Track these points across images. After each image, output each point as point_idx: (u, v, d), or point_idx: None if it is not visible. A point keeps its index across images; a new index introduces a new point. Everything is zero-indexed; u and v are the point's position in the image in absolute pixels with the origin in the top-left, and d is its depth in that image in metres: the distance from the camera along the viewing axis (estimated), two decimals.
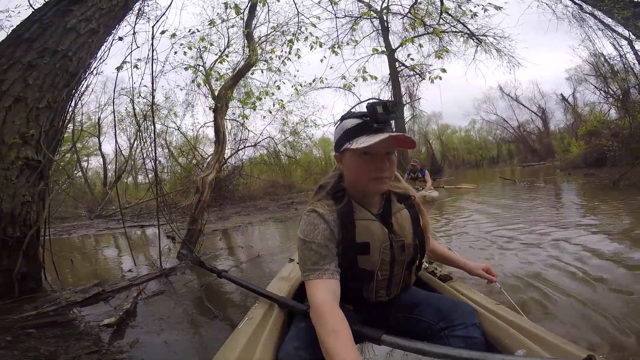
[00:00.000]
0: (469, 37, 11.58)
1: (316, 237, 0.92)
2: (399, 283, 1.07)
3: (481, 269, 1.22)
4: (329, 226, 0.93)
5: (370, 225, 0.97)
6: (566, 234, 3.01)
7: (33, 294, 2.45)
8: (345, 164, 0.98)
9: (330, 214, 0.95)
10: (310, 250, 0.91)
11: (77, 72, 2.68)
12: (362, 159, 0.92)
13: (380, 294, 1.04)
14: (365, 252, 0.96)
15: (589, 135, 12.29)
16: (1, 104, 2.37)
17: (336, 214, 0.96)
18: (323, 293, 0.85)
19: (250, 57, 4.09)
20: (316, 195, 1.04)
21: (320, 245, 0.91)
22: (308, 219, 0.95)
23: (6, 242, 2.37)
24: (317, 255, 0.90)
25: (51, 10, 2.51)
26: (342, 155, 0.99)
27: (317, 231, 0.92)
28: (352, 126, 0.94)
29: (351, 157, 0.94)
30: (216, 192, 11.40)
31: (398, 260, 1.01)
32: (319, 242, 0.91)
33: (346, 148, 0.93)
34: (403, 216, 1.03)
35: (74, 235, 7.14)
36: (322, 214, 0.94)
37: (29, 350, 1.50)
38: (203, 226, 3.96)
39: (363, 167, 0.93)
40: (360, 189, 0.99)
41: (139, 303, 2.26)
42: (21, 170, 2.51)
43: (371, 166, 0.92)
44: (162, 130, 14.81)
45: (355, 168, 0.95)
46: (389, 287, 1.04)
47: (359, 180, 0.96)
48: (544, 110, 33.06)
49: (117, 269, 3.58)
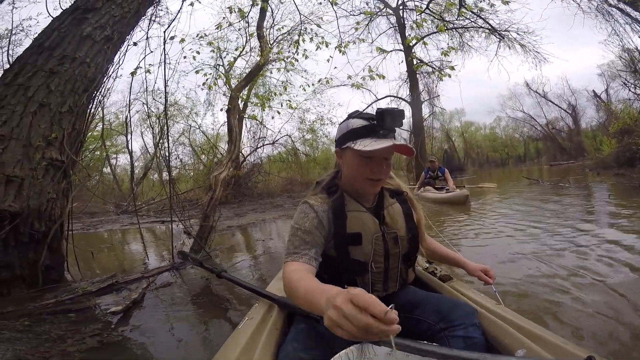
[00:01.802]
0: (491, 32, 11.20)
1: (304, 224, 0.97)
2: (396, 278, 1.08)
3: (480, 270, 1.22)
4: (317, 216, 0.98)
5: (361, 216, 1.02)
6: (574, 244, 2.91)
7: (55, 284, 2.62)
8: (345, 161, 1.03)
9: (321, 205, 1.00)
10: (295, 236, 0.96)
11: (95, 77, 2.86)
12: (362, 160, 0.97)
13: (377, 288, 1.05)
14: (357, 242, 0.99)
15: (621, 133, 11.57)
16: (27, 109, 2.57)
17: (327, 205, 1.01)
18: (294, 272, 0.86)
19: (261, 58, 4.18)
20: (312, 190, 1.10)
21: (306, 231, 0.95)
22: (300, 209, 1.02)
23: (33, 236, 2.54)
24: (299, 240, 0.95)
25: (68, 18, 2.69)
26: (343, 152, 1.03)
27: (306, 219, 0.97)
28: (359, 127, 0.98)
29: (352, 156, 0.99)
30: (235, 189, 11.71)
31: (392, 252, 1.04)
32: (305, 228, 0.96)
33: (349, 146, 0.97)
34: (395, 209, 1.08)
35: (100, 229, 7.54)
36: (312, 205, 1.00)
37: (42, 333, 1.64)
38: (215, 223, 4.10)
39: (361, 168, 0.98)
40: (354, 186, 1.04)
41: (147, 293, 2.40)
42: (46, 169, 2.69)
43: (368, 168, 0.97)
44: (185, 129, 15.39)
45: (354, 167, 1.00)
46: (386, 282, 1.06)
47: (356, 178, 1.01)
48: (574, 107, 31.34)
49: (134, 262, 3.79)
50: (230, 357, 0.83)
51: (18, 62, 2.72)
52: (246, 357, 0.82)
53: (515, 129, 41.36)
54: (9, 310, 1.97)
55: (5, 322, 1.78)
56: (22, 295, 2.32)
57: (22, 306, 2.04)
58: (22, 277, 2.43)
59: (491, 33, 11.43)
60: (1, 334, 1.62)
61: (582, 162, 21.13)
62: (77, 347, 1.54)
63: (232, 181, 11.39)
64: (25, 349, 1.44)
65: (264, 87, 11.90)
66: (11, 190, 2.41)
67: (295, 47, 4.33)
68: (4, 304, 2.09)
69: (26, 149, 2.55)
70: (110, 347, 1.60)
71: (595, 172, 11.37)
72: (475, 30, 11.79)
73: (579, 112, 31.28)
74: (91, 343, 1.61)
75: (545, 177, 12.34)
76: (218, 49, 4.80)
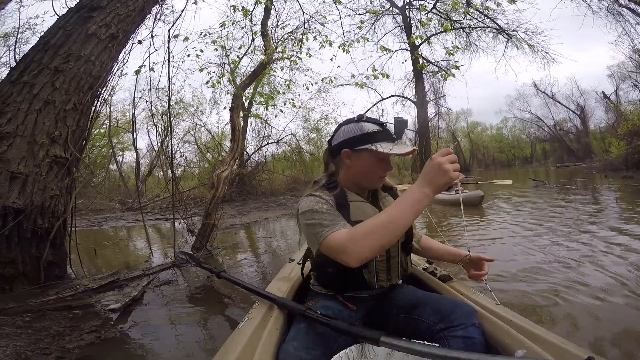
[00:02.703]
0: (498, 32, 11.08)
1: (322, 206, 0.98)
2: (398, 268, 1.13)
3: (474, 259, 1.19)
4: (328, 202, 1.01)
5: (362, 205, 1.08)
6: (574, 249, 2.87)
7: (58, 281, 2.64)
8: (357, 162, 1.07)
9: (325, 196, 1.04)
10: (322, 213, 0.96)
11: (100, 75, 2.88)
12: (379, 161, 1.06)
13: (382, 278, 1.09)
14: None
15: (630, 135, 11.39)
16: (32, 106, 2.60)
17: (331, 197, 1.05)
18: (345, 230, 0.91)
19: (265, 57, 4.18)
20: (312, 187, 1.12)
21: (329, 209, 0.98)
22: (308, 199, 1.03)
23: (36, 232, 2.56)
24: (330, 215, 0.96)
25: (73, 17, 2.71)
26: (356, 153, 1.06)
27: (320, 202, 1.00)
28: (374, 131, 1.04)
29: (369, 157, 1.05)
30: (239, 187, 11.74)
31: None
32: (326, 208, 0.98)
33: (367, 148, 1.02)
34: (389, 201, 1.17)
35: (105, 226, 7.61)
36: (319, 195, 1.03)
37: (42, 329, 1.67)
38: (217, 221, 4.11)
39: (376, 167, 1.07)
40: (358, 183, 1.10)
41: (148, 291, 2.42)
42: (50, 167, 2.71)
43: (381, 167, 1.07)
44: (191, 127, 15.47)
45: (369, 166, 1.06)
46: (389, 272, 1.10)
47: (369, 177, 1.09)
48: (583, 108, 30.99)
49: (138, 258, 3.81)
50: (230, 357, 0.82)
51: (24, 60, 2.74)
52: (246, 357, 0.82)
53: (522, 129, 41.09)
54: (11, 306, 1.99)
55: (7, 318, 1.80)
56: (24, 291, 2.34)
57: (23, 302, 2.06)
58: (24, 273, 2.45)
59: (499, 33, 11.31)
60: (1, 329, 1.63)
61: (589, 164, 20.86)
62: (75, 343, 1.55)
63: (236, 179, 11.43)
64: (25, 344, 1.45)
65: (269, 86, 11.92)
66: (15, 187, 2.44)
67: (299, 45, 4.32)
68: (6, 300, 2.11)
69: (31, 146, 2.58)
70: (108, 344, 1.62)
71: (602, 174, 11.22)
72: (483, 30, 11.68)
73: (588, 114, 30.96)
74: (89, 339, 1.62)
75: (551, 178, 12.21)
76: (222, 47, 4.81)
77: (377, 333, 0.79)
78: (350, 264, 0.86)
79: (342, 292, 1.10)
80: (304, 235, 1.04)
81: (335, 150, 1.11)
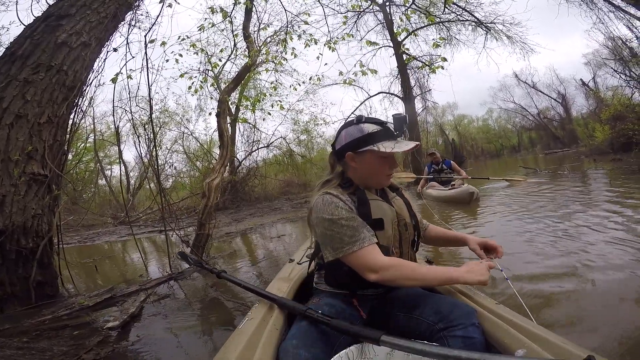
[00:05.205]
0: (477, 25, 11.18)
1: (341, 212, 1.00)
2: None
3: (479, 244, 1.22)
4: (346, 204, 1.03)
5: (380, 203, 1.11)
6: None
7: (51, 300, 2.54)
8: (362, 163, 1.09)
9: (342, 195, 1.06)
10: (341, 226, 0.99)
11: (74, 85, 2.74)
12: (383, 160, 1.08)
13: None
14: (380, 227, 1.06)
15: (613, 119, 11.61)
16: (3, 121, 2.45)
17: (348, 195, 1.08)
18: (378, 254, 0.99)
19: (248, 60, 4.07)
20: (324, 186, 1.13)
21: (349, 218, 1.00)
22: (325, 199, 1.04)
23: (20, 252, 2.45)
24: (350, 228, 0.99)
25: (40, 25, 2.57)
26: (359, 155, 1.09)
27: (339, 208, 1.01)
28: (375, 131, 1.06)
29: (373, 157, 1.07)
30: (232, 195, 11.58)
31: (404, 237, 1.13)
32: (346, 216, 1.00)
33: (369, 149, 1.05)
34: (399, 200, 1.21)
35: (97, 241, 7.39)
36: (336, 195, 1.05)
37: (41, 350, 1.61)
38: (211, 230, 3.99)
39: (382, 166, 1.09)
40: (367, 183, 1.13)
41: (145, 306, 2.34)
42: (29, 185, 2.58)
43: (387, 165, 1.10)
44: (178, 136, 15.22)
45: (375, 166, 1.09)
46: None
47: (376, 176, 1.11)
48: (564, 96, 31.48)
49: (134, 273, 3.69)
50: (230, 357, 0.83)
51: None
52: (247, 357, 0.83)
53: (507, 120, 41.64)
54: (7, 327, 1.94)
55: (4, 339, 1.75)
56: (17, 312, 2.28)
57: (19, 323, 2.00)
58: (14, 294, 2.36)
59: (477, 26, 11.42)
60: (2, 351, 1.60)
61: (576, 149, 21.22)
62: None
63: (228, 187, 11.27)
64: None
65: (255, 90, 11.80)
66: None
67: (283, 45, 4.22)
68: (1, 321, 2.06)
69: (5, 164, 2.44)
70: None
71: (591, 159, 11.39)
72: (462, 23, 11.77)
73: (569, 101, 31.50)
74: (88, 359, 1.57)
75: (541, 165, 12.33)
76: (202, 51, 4.67)
77: (377, 332, 0.80)
78: (369, 280, 0.97)
79: (352, 290, 1.11)
80: (319, 239, 1.07)
81: (339, 153, 1.13)
